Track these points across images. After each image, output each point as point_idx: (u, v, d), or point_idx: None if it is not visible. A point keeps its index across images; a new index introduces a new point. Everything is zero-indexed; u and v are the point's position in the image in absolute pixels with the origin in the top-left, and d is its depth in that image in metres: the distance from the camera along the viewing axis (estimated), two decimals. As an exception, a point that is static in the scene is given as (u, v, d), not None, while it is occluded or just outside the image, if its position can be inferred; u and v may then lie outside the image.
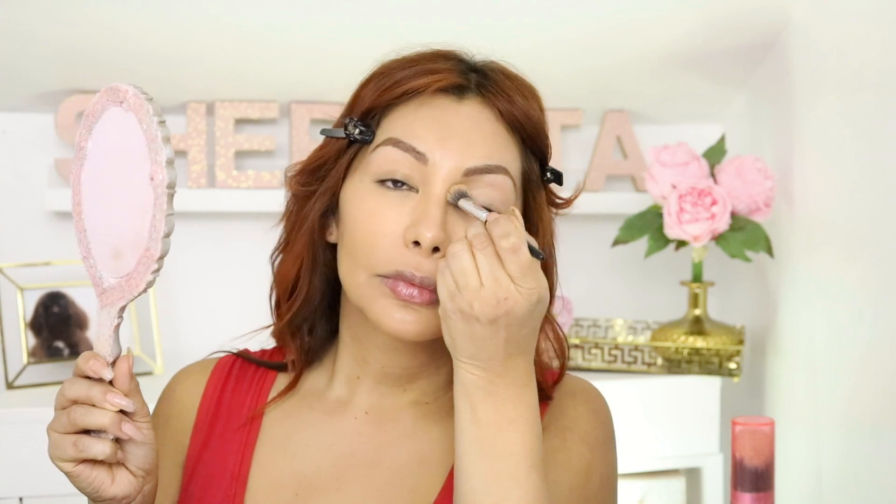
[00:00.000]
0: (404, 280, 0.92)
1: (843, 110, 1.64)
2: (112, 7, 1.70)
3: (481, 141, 0.95)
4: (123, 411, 0.87)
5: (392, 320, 0.93)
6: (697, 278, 1.93)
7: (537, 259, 0.87)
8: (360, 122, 0.97)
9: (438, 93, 0.96)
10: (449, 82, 0.96)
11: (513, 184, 0.96)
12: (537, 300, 0.86)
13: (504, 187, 0.95)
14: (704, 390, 1.86)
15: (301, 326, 1.06)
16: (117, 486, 0.89)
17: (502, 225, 0.86)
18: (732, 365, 1.86)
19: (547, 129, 1.01)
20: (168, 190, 0.84)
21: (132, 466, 0.90)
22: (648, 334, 2.03)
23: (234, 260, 1.99)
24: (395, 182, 0.94)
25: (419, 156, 0.93)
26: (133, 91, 0.86)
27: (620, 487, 1.10)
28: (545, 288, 0.87)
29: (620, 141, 2.10)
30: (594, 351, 1.93)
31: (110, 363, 0.88)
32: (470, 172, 0.93)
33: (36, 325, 1.87)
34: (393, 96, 0.96)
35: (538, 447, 0.89)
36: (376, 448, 1.01)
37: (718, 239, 1.85)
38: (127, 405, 0.87)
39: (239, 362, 1.10)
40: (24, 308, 1.87)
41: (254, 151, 1.99)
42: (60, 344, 1.89)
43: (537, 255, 0.87)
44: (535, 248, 0.87)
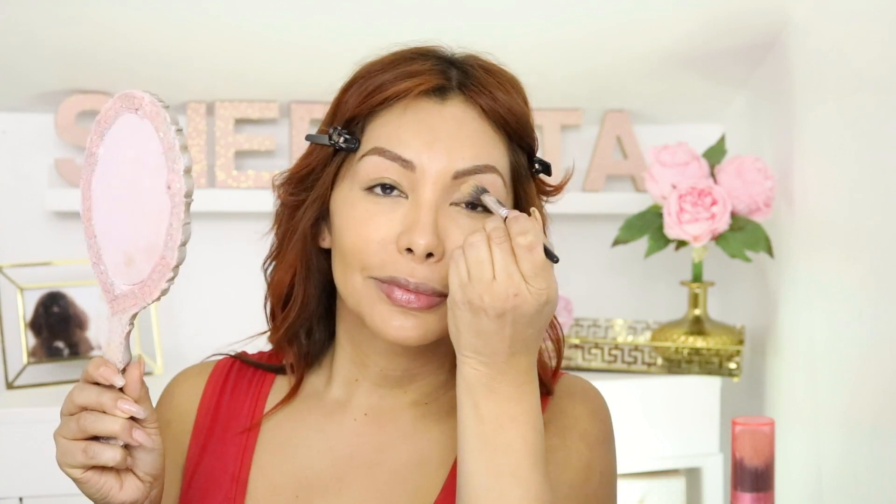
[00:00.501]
0: (399, 286, 0.92)
1: (843, 110, 1.64)
2: (112, 7, 1.70)
3: (467, 142, 0.94)
4: (133, 418, 0.87)
5: (391, 328, 0.93)
6: (697, 278, 1.93)
7: (552, 261, 0.87)
8: (345, 131, 0.97)
9: (421, 95, 0.96)
10: (430, 85, 0.95)
11: (502, 181, 0.96)
12: (546, 301, 0.86)
13: (494, 185, 0.94)
14: (704, 390, 1.86)
15: (298, 332, 1.05)
16: (126, 492, 0.89)
17: (521, 223, 0.86)
18: (732, 365, 1.86)
19: (532, 121, 1.00)
20: (185, 199, 0.84)
21: (140, 472, 0.90)
22: (648, 334, 2.03)
23: (234, 260, 1.98)
24: (385, 188, 0.94)
25: (406, 163, 0.93)
26: (149, 98, 0.85)
27: (620, 487, 1.10)
28: (555, 290, 0.87)
29: (620, 141, 2.10)
30: (594, 351, 1.93)
31: (121, 370, 0.88)
32: (459, 175, 0.93)
33: (36, 325, 1.87)
34: (375, 103, 0.96)
35: (540, 445, 0.89)
36: (376, 449, 1.01)
37: (718, 239, 1.85)
38: (138, 412, 0.87)
39: (237, 364, 1.10)
40: (24, 308, 1.87)
41: (254, 151, 1.99)
42: (60, 344, 1.89)
43: (552, 258, 0.87)
44: (551, 251, 0.87)
